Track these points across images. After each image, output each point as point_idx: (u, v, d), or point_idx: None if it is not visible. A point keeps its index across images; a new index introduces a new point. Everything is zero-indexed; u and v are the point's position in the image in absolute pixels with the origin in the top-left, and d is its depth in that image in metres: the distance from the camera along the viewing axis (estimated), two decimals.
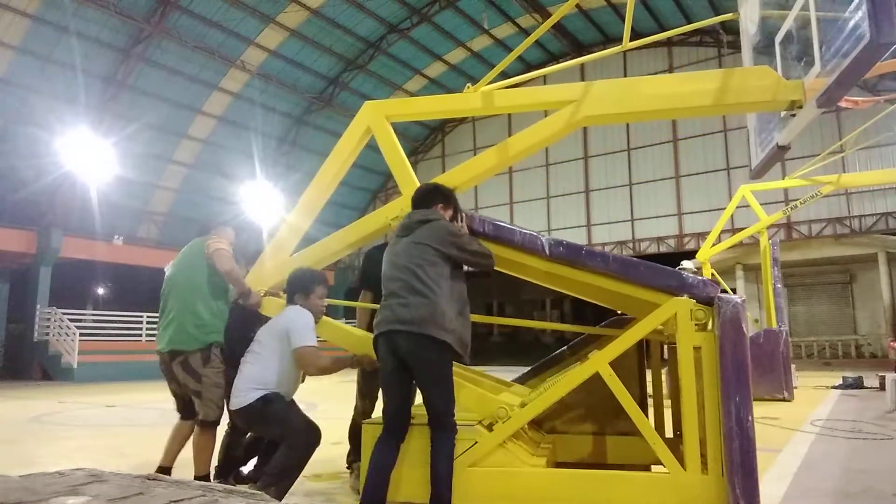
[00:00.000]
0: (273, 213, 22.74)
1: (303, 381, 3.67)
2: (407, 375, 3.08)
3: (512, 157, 3.55)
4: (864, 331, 20.51)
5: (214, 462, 3.81)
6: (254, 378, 3.38)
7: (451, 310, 3.02)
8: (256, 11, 19.67)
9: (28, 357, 18.29)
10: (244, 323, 3.80)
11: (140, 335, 20.03)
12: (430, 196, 3.26)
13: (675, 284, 3.01)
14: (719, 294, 2.90)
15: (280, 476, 3.25)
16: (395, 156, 3.64)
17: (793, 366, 9.61)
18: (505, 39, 24.14)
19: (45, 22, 17.06)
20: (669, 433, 3.81)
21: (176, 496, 1.61)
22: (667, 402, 3.97)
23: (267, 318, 3.66)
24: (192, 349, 3.52)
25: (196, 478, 3.47)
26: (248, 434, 4.00)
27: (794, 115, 3.00)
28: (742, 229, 12.98)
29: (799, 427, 6.32)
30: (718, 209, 19.53)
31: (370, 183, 28.32)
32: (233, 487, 2.02)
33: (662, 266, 3.13)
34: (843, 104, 2.97)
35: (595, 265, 3.18)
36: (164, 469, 3.58)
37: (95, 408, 9.68)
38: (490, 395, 3.29)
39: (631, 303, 3.35)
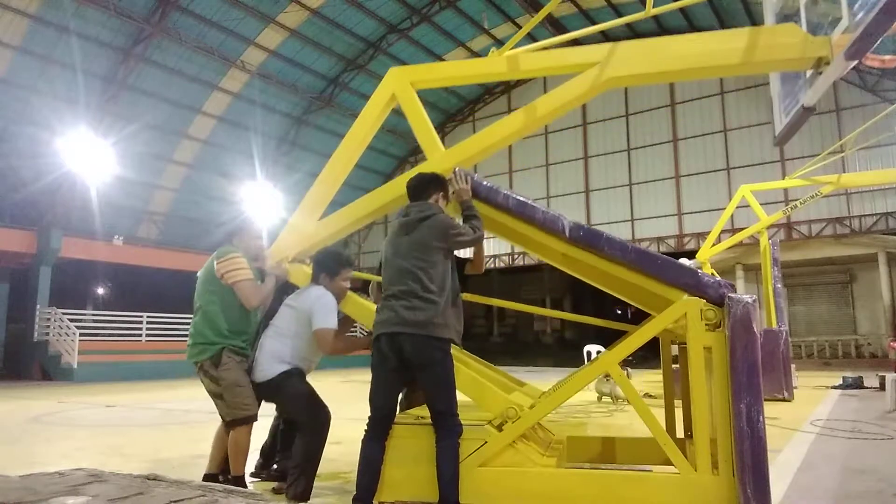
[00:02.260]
0: (273, 212, 22.74)
1: None
2: (402, 376, 3.15)
3: (538, 119, 3.51)
4: (864, 331, 20.49)
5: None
6: (275, 353, 3.52)
7: (448, 305, 3.11)
8: (256, 11, 19.66)
9: (28, 357, 18.26)
10: (276, 293, 3.90)
11: (140, 335, 20.01)
12: (427, 186, 3.35)
13: (691, 282, 2.99)
14: (730, 294, 2.89)
15: (305, 464, 3.43)
16: (421, 122, 3.63)
17: (793, 366, 9.61)
18: (505, 39, 24.07)
19: (45, 22, 17.04)
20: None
21: (176, 496, 1.61)
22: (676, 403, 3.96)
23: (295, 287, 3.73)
24: (204, 359, 3.59)
25: (230, 478, 3.51)
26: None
27: (820, 73, 2.99)
28: (742, 229, 12.97)
29: (799, 427, 6.32)
30: (718, 209, 19.52)
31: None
32: (233, 487, 2.02)
33: (680, 262, 3.11)
34: (869, 63, 2.95)
35: (613, 252, 3.17)
36: (211, 476, 3.60)
37: (95, 408, 9.68)
38: (502, 394, 3.28)
39: (645, 296, 3.33)
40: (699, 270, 3.08)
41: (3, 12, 16.34)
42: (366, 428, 3.13)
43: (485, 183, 3.47)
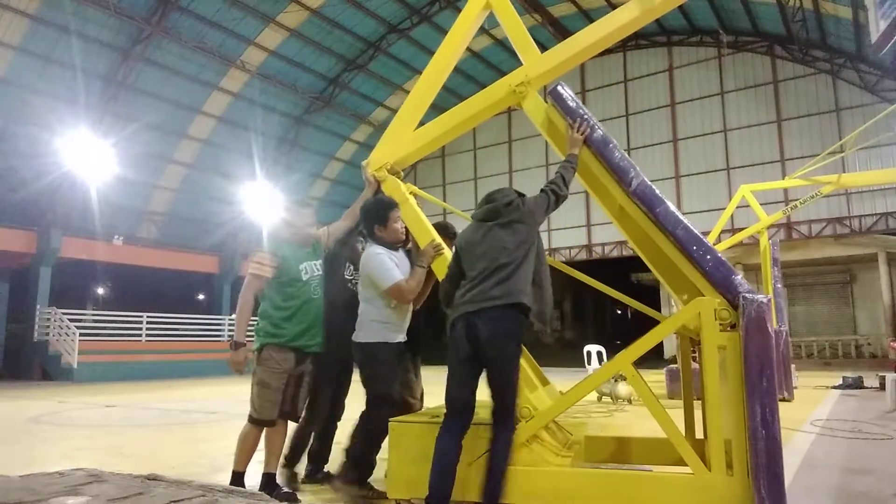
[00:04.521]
0: (273, 212, 22.73)
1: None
2: (476, 367, 3.05)
3: (653, 8, 3.42)
4: (864, 331, 20.49)
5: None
6: (368, 315, 3.55)
7: (529, 284, 3.12)
8: (256, 11, 19.66)
9: (28, 357, 18.26)
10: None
11: (140, 335, 20.02)
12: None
13: (719, 278, 2.95)
14: (744, 294, 2.86)
15: (365, 450, 3.47)
16: (516, 27, 3.67)
17: (793, 366, 9.61)
18: (505, 39, 24.10)
19: (45, 22, 17.04)
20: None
21: (176, 496, 1.61)
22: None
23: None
24: (255, 348, 3.68)
25: (233, 473, 3.54)
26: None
27: None
28: (742, 229, 12.97)
29: (799, 427, 6.31)
30: (718, 209, 19.51)
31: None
32: (233, 487, 2.02)
33: (719, 255, 3.05)
34: None
35: (665, 222, 3.17)
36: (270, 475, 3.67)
37: (95, 408, 9.68)
38: (523, 392, 3.23)
39: (675, 275, 3.31)
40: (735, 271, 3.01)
41: (2, 12, 16.33)
42: (441, 423, 3.02)
43: (580, 108, 3.44)
